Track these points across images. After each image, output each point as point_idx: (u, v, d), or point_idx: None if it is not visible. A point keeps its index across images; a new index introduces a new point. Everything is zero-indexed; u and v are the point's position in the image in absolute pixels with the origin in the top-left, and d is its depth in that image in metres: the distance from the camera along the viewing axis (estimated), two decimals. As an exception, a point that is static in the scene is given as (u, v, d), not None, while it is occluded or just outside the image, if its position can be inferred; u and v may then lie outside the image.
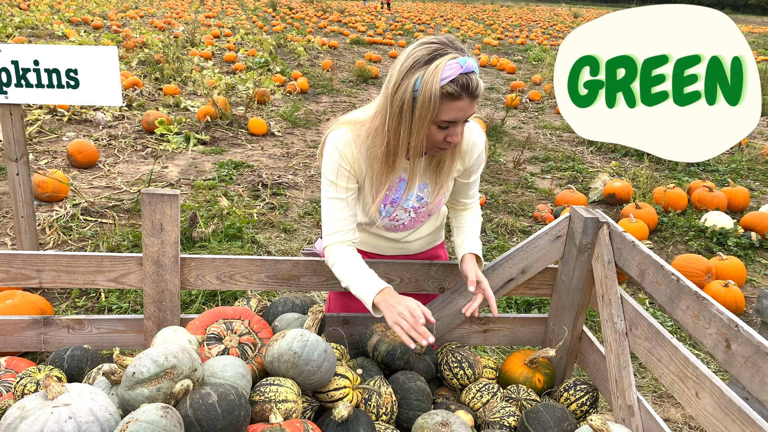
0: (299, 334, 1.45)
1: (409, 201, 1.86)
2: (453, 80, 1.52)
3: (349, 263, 1.74)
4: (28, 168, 3.71)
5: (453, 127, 1.60)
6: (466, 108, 1.56)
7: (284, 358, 1.42)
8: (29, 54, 3.43)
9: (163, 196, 1.73)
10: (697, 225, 5.56)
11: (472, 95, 1.55)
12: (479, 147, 1.86)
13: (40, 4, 24.95)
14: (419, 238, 2.06)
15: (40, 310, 3.24)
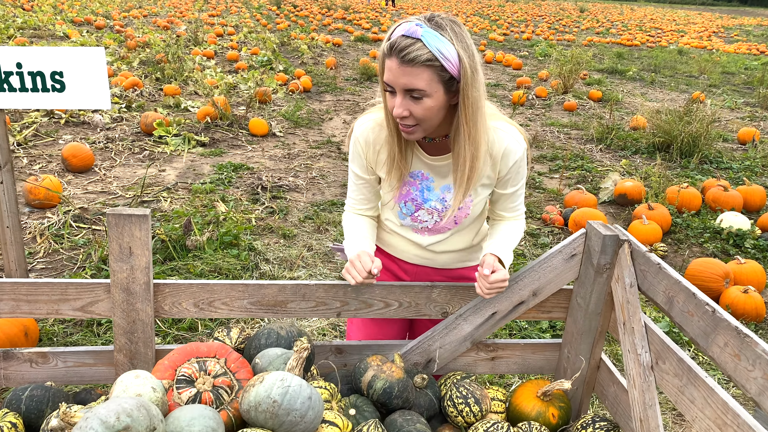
0: (279, 379, 1.27)
1: (431, 201, 1.79)
2: (390, 41, 1.52)
3: (351, 225, 1.88)
4: (12, 175, 3.54)
5: (396, 94, 1.55)
6: (395, 70, 1.51)
7: (262, 407, 1.24)
8: (11, 56, 3.26)
9: (131, 217, 1.54)
10: (712, 226, 5.34)
11: (398, 57, 1.49)
12: (515, 154, 1.73)
13: (43, 4, 24.87)
14: (448, 251, 1.92)
15: (23, 327, 3.08)
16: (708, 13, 64.87)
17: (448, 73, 1.51)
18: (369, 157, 1.77)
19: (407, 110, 1.54)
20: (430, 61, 1.48)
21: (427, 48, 1.47)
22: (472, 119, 1.57)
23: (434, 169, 1.77)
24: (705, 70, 16.20)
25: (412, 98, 1.53)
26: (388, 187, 1.79)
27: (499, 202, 1.85)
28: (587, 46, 21.75)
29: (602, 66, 16.36)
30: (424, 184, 1.78)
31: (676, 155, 7.54)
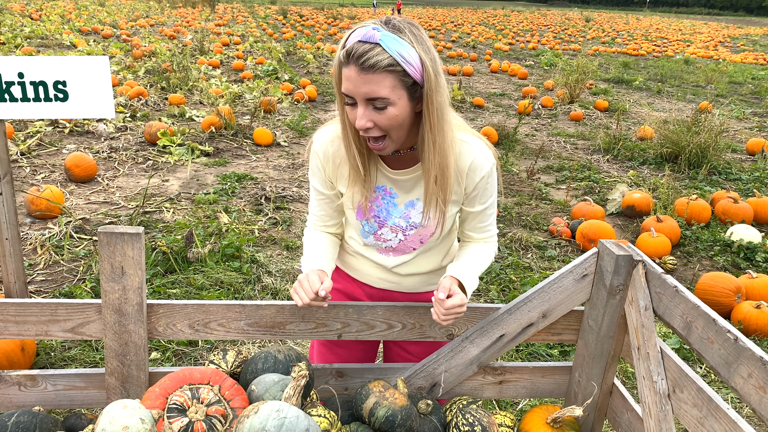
0: (275, 410, 1.20)
1: (395, 218, 1.68)
2: (346, 48, 1.40)
3: (310, 241, 1.77)
4: (12, 187, 3.49)
5: (357, 106, 1.45)
6: (355, 79, 1.39)
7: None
8: (13, 66, 3.22)
9: (123, 236, 1.48)
10: (722, 239, 5.25)
11: (356, 63, 1.38)
12: (482, 169, 1.61)
13: (51, 14, 25.04)
14: (415, 274, 1.81)
15: (20, 341, 3.02)
16: (714, 23, 64.84)
17: (410, 78, 1.41)
18: (329, 171, 1.67)
19: (371, 121, 1.44)
20: (391, 66, 1.38)
21: (387, 52, 1.37)
22: (438, 126, 1.48)
23: (398, 183, 1.66)
24: (712, 80, 16.12)
25: (375, 108, 1.42)
26: (350, 204, 1.69)
27: (467, 221, 1.73)
28: (593, 56, 21.71)
29: (608, 76, 16.31)
30: (388, 199, 1.67)
31: (684, 166, 7.45)
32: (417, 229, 1.68)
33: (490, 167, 1.62)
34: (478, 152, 1.60)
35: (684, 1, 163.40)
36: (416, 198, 1.66)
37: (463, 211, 1.70)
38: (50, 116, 3.30)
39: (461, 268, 1.66)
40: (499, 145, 8.28)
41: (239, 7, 45.75)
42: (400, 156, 1.63)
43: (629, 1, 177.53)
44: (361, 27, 1.41)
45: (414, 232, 1.69)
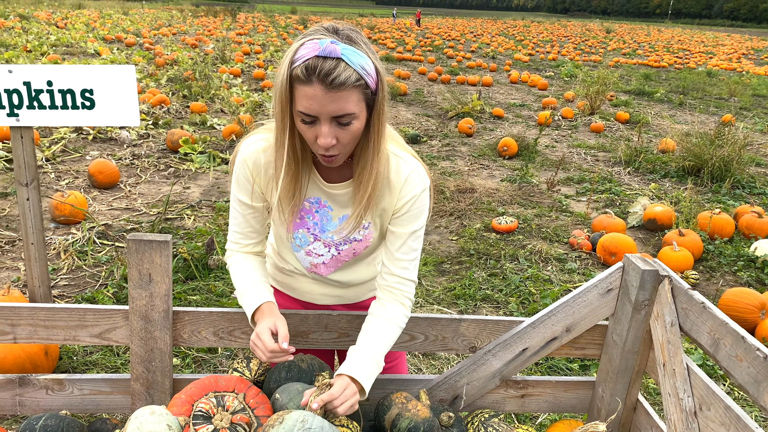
0: (300, 420, 1.20)
1: (328, 232, 1.62)
2: (305, 62, 1.31)
3: (241, 271, 1.64)
4: (39, 193, 3.56)
5: (319, 124, 1.37)
6: (320, 98, 1.31)
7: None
8: (42, 75, 3.28)
9: (152, 243, 1.50)
10: (746, 254, 5.18)
11: (323, 82, 1.30)
12: (416, 186, 1.55)
13: (76, 22, 25.51)
14: (356, 284, 1.77)
15: (43, 346, 3.06)
16: (737, 35, 64.16)
17: (370, 89, 1.38)
18: (260, 181, 1.58)
19: (335, 138, 1.38)
20: (357, 81, 1.34)
21: (351, 67, 1.32)
22: (381, 131, 1.45)
23: (332, 197, 1.60)
24: (735, 93, 15.94)
25: (339, 125, 1.37)
26: (280, 217, 1.60)
27: (387, 248, 1.62)
28: (614, 67, 21.59)
29: (629, 87, 16.20)
30: (322, 212, 1.62)
31: (706, 179, 7.37)
32: (351, 244, 1.64)
33: (423, 187, 1.57)
34: (413, 170, 1.56)
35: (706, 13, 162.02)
36: (350, 212, 1.60)
37: (388, 231, 1.63)
38: (77, 124, 3.35)
39: (357, 360, 1.52)
40: (519, 156, 8.26)
41: (260, 17, 46.28)
42: (337, 167, 1.58)
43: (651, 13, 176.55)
44: (312, 39, 1.34)
45: (347, 246, 1.64)
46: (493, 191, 6.63)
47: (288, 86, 1.35)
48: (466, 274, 4.57)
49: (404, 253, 1.60)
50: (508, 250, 5.06)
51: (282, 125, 1.42)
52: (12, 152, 3.48)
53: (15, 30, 19.51)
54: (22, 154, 3.46)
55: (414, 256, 1.61)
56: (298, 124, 1.40)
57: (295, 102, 1.36)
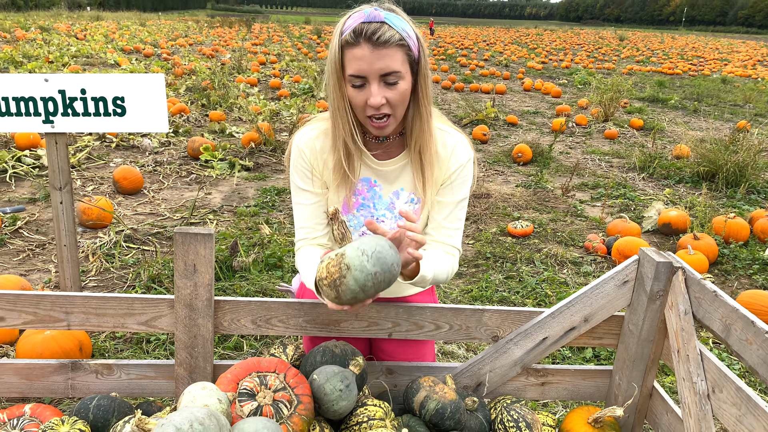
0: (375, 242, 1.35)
1: (380, 209, 1.72)
2: (352, 28, 1.45)
3: (307, 256, 1.70)
4: (72, 196, 3.70)
5: (368, 85, 1.48)
6: (368, 57, 1.44)
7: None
8: (76, 83, 3.42)
9: (197, 236, 1.62)
10: (761, 258, 5.21)
11: (369, 41, 1.44)
12: (462, 156, 1.67)
13: (95, 34, 25.96)
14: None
15: (78, 342, 3.18)
16: (752, 42, 63.73)
17: (412, 53, 1.50)
18: (318, 167, 1.68)
19: (384, 97, 1.49)
20: (401, 41, 1.46)
21: (394, 29, 1.46)
22: (427, 99, 1.57)
23: (382, 175, 1.70)
24: (750, 99, 15.90)
25: (386, 84, 1.48)
26: (336, 198, 1.69)
27: (434, 218, 1.71)
28: (627, 75, 21.60)
29: (643, 95, 16.21)
30: (373, 191, 1.71)
31: (721, 185, 7.39)
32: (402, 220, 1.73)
33: (469, 157, 1.68)
34: (458, 142, 1.68)
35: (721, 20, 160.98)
36: (401, 188, 1.71)
37: (436, 201, 1.71)
38: (109, 130, 3.49)
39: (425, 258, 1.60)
40: (534, 162, 8.33)
41: (274, 27, 46.76)
42: (387, 144, 1.68)
43: (664, 20, 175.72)
44: (358, 11, 1.48)
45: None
46: (509, 196, 6.71)
47: (340, 55, 1.48)
48: (483, 277, 4.65)
49: (450, 222, 1.71)
50: (524, 254, 5.14)
51: (338, 95, 1.54)
52: (46, 158, 3.62)
53: (37, 42, 19.91)
54: (56, 159, 3.61)
55: (458, 225, 1.73)
56: (350, 92, 1.51)
57: (346, 68, 1.48)
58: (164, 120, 3.52)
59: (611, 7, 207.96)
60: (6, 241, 4.76)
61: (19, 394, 1.74)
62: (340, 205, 1.71)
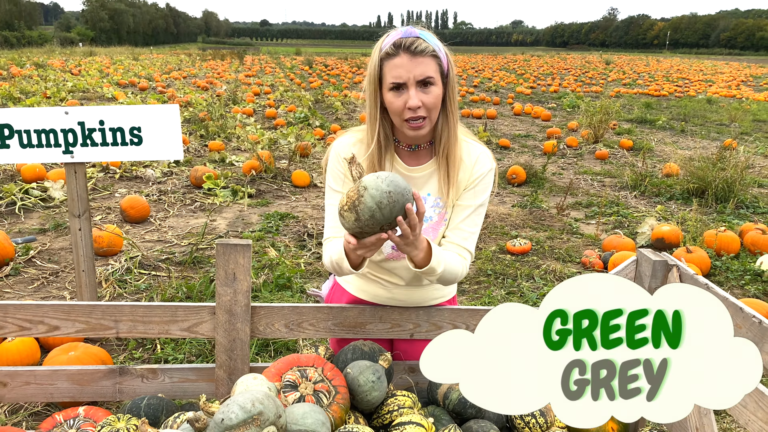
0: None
1: None
2: (392, 43, 1.70)
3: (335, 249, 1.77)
4: (90, 223, 3.85)
5: (406, 90, 1.70)
6: (406, 64, 1.68)
7: None
8: (95, 115, 3.58)
9: (236, 246, 1.78)
10: (752, 269, 5.40)
11: (407, 51, 1.68)
12: (484, 165, 1.87)
13: (90, 69, 26.30)
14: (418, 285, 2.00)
15: (101, 361, 3.31)
16: (735, 63, 64.99)
17: (442, 65, 1.74)
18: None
19: (420, 101, 1.69)
20: (434, 53, 1.70)
21: (427, 42, 1.70)
22: (454, 109, 1.79)
23: (411, 180, 1.87)
24: (735, 118, 16.29)
25: (423, 87, 1.70)
26: None
27: (452, 219, 1.87)
28: (615, 97, 22.05)
29: (631, 116, 16.58)
30: None
31: (711, 201, 7.63)
32: (428, 223, 1.87)
33: (490, 167, 1.88)
34: (482, 153, 1.89)
35: (704, 42, 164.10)
36: (428, 193, 1.88)
37: (456, 206, 1.88)
38: (126, 158, 3.65)
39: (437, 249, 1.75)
40: (528, 183, 8.55)
41: (266, 59, 47.38)
42: (417, 152, 1.87)
43: (649, 44, 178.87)
44: (394, 31, 1.74)
45: (426, 224, 1.87)
46: (506, 216, 6.90)
47: (379, 67, 1.72)
48: (485, 293, 4.81)
49: (467, 225, 1.87)
50: (523, 270, 5.31)
51: (374, 104, 1.77)
52: (66, 186, 3.78)
53: (33, 78, 20.18)
54: (76, 188, 3.77)
55: (475, 229, 1.89)
56: (388, 98, 1.72)
57: (385, 77, 1.72)
58: (179, 148, 3.69)
59: (596, 32, 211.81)
60: (21, 270, 4.89)
61: (70, 398, 1.88)
62: None
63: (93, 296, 3.93)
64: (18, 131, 3.52)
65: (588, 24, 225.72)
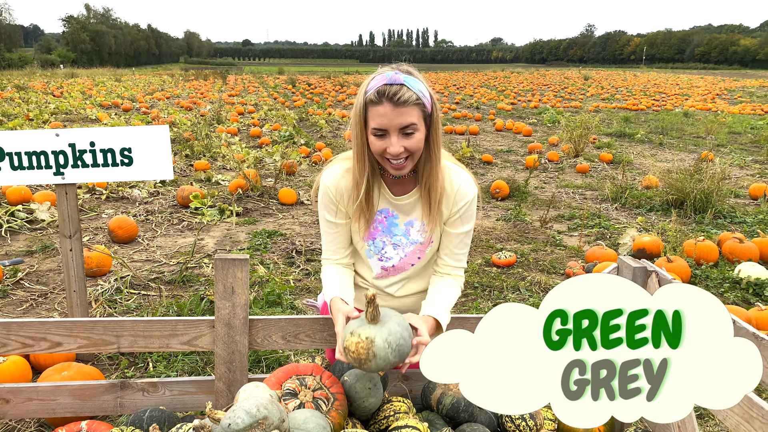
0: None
1: (397, 236, 1.97)
2: (376, 89, 1.74)
3: (328, 275, 1.96)
4: (81, 244, 3.88)
5: (388, 136, 1.76)
6: (389, 114, 1.73)
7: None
8: (86, 137, 3.62)
9: (234, 261, 1.84)
10: (731, 277, 5.54)
11: (390, 101, 1.72)
12: (466, 196, 1.95)
13: (72, 91, 26.21)
14: (409, 294, 2.11)
15: (93, 379, 3.33)
16: (710, 77, 66.36)
17: (426, 109, 1.80)
18: (344, 202, 1.95)
19: (402, 146, 1.76)
20: (417, 101, 1.76)
21: (411, 90, 1.75)
22: (438, 146, 1.86)
23: (398, 207, 1.97)
24: (712, 131, 16.65)
25: (404, 135, 1.76)
26: (357, 227, 1.96)
27: (445, 245, 2.00)
28: (594, 112, 22.43)
29: (610, 130, 16.88)
30: (390, 220, 1.97)
31: (689, 211, 7.80)
32: (415, 245, 1.99)
33: (474, 195, 1.97)
34: (464, 180, 1.96)
35: (679, 57, 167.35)
36: (414, 218, 1.98)
37: (445, 232, 1.99)
38: (117, 179, 3.70)
39: (435, 306, 1.90)
40: (511, 197, 8.69)
41: (249, 78, 47.53)
42: (403, 181, 1.96)
43: (626, 59, 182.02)
44: (380, 74, 1.79)
45: (413, 248, 1.99)
46: (490, 229, 7.01)
47: (363, 110, 1.78)
48: (473, 305, 4.89)
49: (459, 249, 2.00)
50: (509, 282, 5.40)
51: (360, 142, 1.83)
52: (57, 208, 3.81)
53: (15, 100, 20.08)
54: (67, 209, 3.80)
55: (466, 250, 2.01)
56: (371, 139, 1.79)
57: (369, 122, 1.78)
58: (169, 168, 3.74)
59: (574, 48, 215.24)
60: (9, 292, 4.89)
61: (72, 413, 1.92)
62: (361, 233, 1.97)
63: (84, 316, 3.95)
64: (9, 153, 3.55)
65: (566, 40, 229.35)
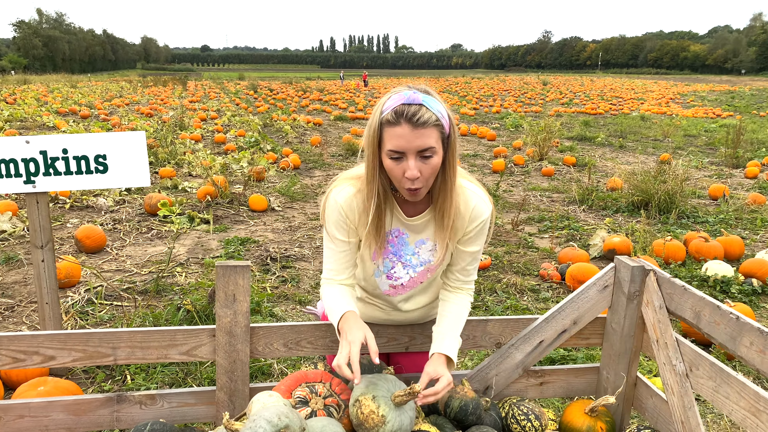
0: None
1: (407, 255, 1.91)
2: (393, 109, 1.65)
3: (330, 293, 1.85)
4: (53, 254, 3.75)
5: (405, 159, 1.66)
6: (407, 135, 1.63)
7: None
8: (58, 143, 3.50)
9: (236, 268, 1.80)
10: (699, 275, 5.69)
11: (409, 121, 1.62)
12: (481, 215, 1.87)
13: (26, 98, 25.41)
14: (416, 309, 2.05)
15: (72, 395, 3.21)
16: (663, 82, 68.40)
17: (444, 131, 1.70)
18: (354, 219, 1.85)
19: (419, 170, 1.66)
20: (436, 122, 1.65)
21: (431, 111, 1.64)
22: (454, 169, 1.78)
23: (409, 227, 1.89)
24: (668, 134, 17.16)
25: (422, 158, 1.66)
26: (368, 247, 1.87)
27: (457, 262, 1.94)
28: (555, 116, 22.85)
29: (572, 134, 17.23)
30: (400, 240, 1.90)
31: (654, 212, 8.01)
32: (425, 265, 1.92)
33: (488, 214, 1.90)
34: (479, 199, 1.88)
35: (633, 63, 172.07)
36: (425, 238, 1.91)
37: (457, 250, 1.93)
38: (91, 187, 3.59)
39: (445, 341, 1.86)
40: (482, 201, 8.76)
41: (209, 84, 46.88)
42: (415, 202, 1.87)
43: (582, 65, 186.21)
44: (398, 93, 1.68)
45: (423, 267, 1.93)
46: (464, 234, 7.05)
47: (379, 131, 1.67)
48: (452, 309, 4.90)
49: (471, 265, 1.96)
50: (486, 284, 5.44)
51: (372, 165, 1.73)
52: (28, 217, 3.68)
53: (-35, 107, 19.36)
54: (38, 219, 3.67)
55: (477, 265, 1.98)
56: (387, 162, 1.69)
57: (384, 143, 1.68)
58: (146, 174, 3.64)
59: (532, 54, 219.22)
60: (-28, 306, 4.69)
61: (66, 430, 1.83)
62: (371, 252, 1.89)
63: (58, 329, 3.81)
64: (-24, 162, 3.41)
65: (524, 47, 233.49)
